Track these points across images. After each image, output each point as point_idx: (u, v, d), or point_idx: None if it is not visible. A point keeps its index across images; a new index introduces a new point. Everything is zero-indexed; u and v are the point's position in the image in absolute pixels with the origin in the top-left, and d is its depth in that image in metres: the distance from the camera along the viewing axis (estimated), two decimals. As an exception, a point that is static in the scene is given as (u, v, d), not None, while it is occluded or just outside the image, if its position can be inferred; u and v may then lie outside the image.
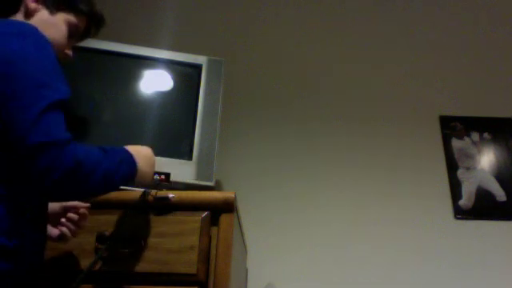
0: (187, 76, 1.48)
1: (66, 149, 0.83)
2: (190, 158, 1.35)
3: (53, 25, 1.04)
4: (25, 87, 0.83)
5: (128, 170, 0.99)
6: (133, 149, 1.04)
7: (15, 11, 1.03)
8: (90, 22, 1.14)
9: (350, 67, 2.16)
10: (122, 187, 1.02)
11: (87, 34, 1.16)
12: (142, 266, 1.11)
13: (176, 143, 1.39)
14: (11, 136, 0.81)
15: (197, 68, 1.48)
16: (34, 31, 0.91)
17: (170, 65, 1.48)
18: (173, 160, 1.32)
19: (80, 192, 0.90)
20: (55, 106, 0.86)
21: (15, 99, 0.82)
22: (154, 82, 1.45)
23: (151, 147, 1.11)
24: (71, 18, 1.07)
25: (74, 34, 1.10)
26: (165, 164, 1.30)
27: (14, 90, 0.82)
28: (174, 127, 1.41)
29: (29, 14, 1.03)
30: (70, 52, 1.11)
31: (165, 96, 1.45)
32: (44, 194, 0.91)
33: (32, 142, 0.80)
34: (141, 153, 1.05)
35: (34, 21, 1.02)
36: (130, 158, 1.01)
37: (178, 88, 1.47)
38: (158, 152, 1.32)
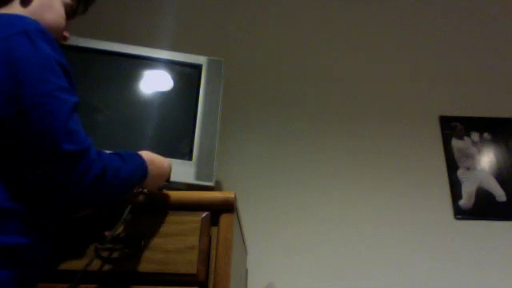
0: (187, 76, 1.48)
1: (92, 155, 0.83)
2: (189, 158, 1.35)
3: (52, 8, 1.02)
4: (44, 94, 0.80)
5: (140, 177, 1.00)
6: (148, 156, 1.04)
7: None
8: (79, 1, 1.11)
9: (350, 67, 2.16)
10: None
11: (76, 13, 1.13)
12: (142, 266, 1.10)
13: (176, 143, 1.39)
14: (35, 145, 0.78)
15: (197, 68, 1.48)
16: (37, 27, 0.87)
17: (170, 65, 1.48)
18: (173, 160, 1.32)
19: (103, 198, 0.88)
20: (75, 109, 0.84)
21: (35, 107, 0.79)
22: (154, 82, 1.45)
23: (151, 147, 1.10)
24: None
25: (70, 14, 1.08)
26: (165, 164, 1.30)
27: (32, 97, 0.79)
28: (174, 127, 1.41)
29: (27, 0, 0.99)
30: (67, 34, 1.09)
31: (165, 96, 1.45)
32: (68, 201, 0.87)
33: (65, 150, 0.78)
34: (154, 162, 1.05)
35: (33, 5, 0.99)
36: (143, 164, 1.00)
37: (178, 88, 1.47)
38: (158, 152, 1.33)
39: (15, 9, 0.98)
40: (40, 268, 0.90)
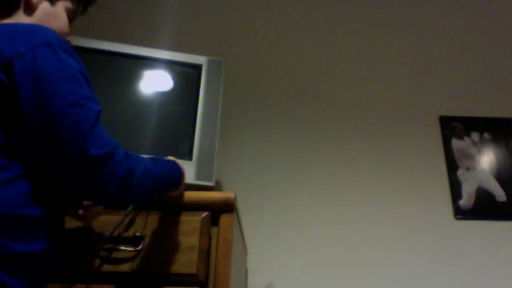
0: (187, 76, 1.48)
1: (118, 156, 0.85)
2: (189, 158, 1.35)
3: (56, 16, 1.03)
4: (70, 103, 0.83)
5: (176, 179, 1.05)
6: (179, 162, 1.11)
7: (17, 7, 0.99)
8: (79, 4, 1.12)
9: (350, 67, 2.16)
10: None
11: (76, 16, 1.14)
12: (142, 266, 1.11)
13: (176, 143, 1.39)
14: (64, 151, 0.81)
15: (197, 68, 1.48)
16: (59, 38, 0.89)
17: (170, 65, 1.48)
18: (173, 160, 1.32)
19: (133, 197, 0.91)
20: (99, 116, 0.87)
21: (62, 116, 0.82)
22: (154, 82, 1.45)
23: (151, 147, 1.11)
24: (68, 4, 1.06)
25: (72, 19, 1.09)
26: (165, 164, 1.30)
27: (59, 107, 0.82)
28: (173, 127, 1.41)
29: (31, 8, 1.00)
30: (70, 39, 1.09)
31: (165, 96, 1.45)
32: (96, 201, 0.92)
33: (92, 155, 0.81)
34: (184, 168, 1.12)
35: (38, 14, 1.00)
36: (178, 168, 1.06)
37: (178, 88, 1.47)
38: (158, 152, 1.33)
39: (21, 18, 0.98)
40: (49, 273, 0.91)
